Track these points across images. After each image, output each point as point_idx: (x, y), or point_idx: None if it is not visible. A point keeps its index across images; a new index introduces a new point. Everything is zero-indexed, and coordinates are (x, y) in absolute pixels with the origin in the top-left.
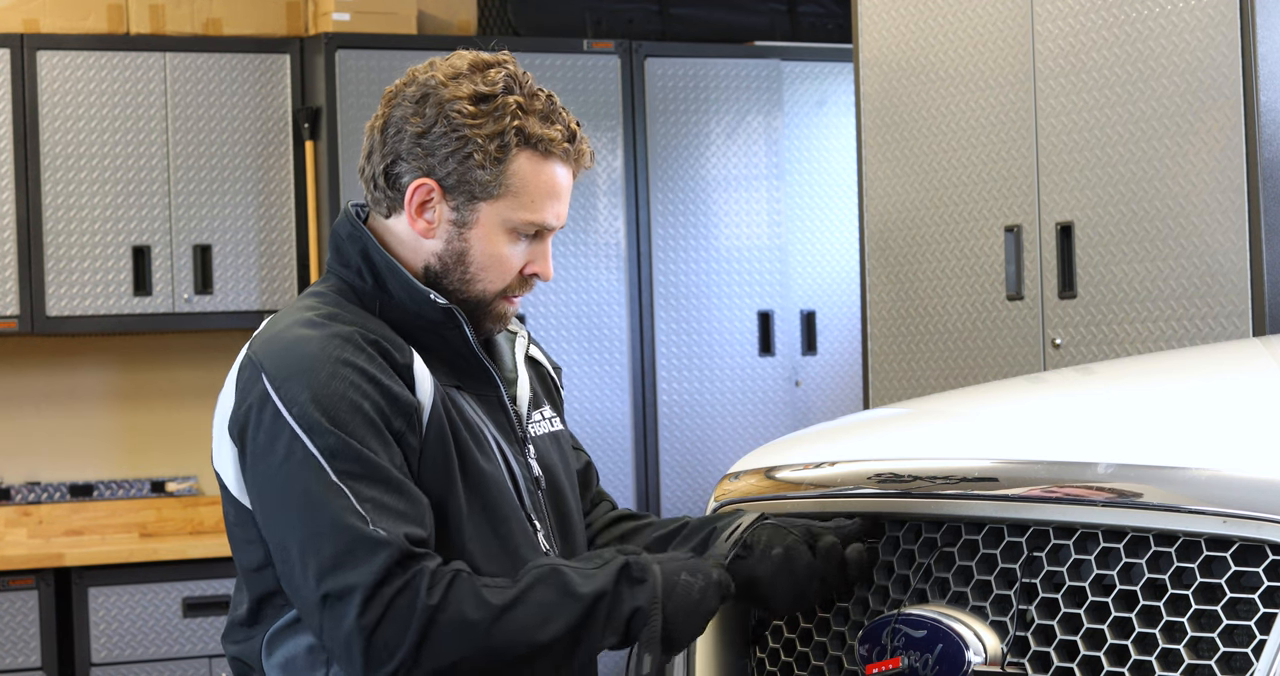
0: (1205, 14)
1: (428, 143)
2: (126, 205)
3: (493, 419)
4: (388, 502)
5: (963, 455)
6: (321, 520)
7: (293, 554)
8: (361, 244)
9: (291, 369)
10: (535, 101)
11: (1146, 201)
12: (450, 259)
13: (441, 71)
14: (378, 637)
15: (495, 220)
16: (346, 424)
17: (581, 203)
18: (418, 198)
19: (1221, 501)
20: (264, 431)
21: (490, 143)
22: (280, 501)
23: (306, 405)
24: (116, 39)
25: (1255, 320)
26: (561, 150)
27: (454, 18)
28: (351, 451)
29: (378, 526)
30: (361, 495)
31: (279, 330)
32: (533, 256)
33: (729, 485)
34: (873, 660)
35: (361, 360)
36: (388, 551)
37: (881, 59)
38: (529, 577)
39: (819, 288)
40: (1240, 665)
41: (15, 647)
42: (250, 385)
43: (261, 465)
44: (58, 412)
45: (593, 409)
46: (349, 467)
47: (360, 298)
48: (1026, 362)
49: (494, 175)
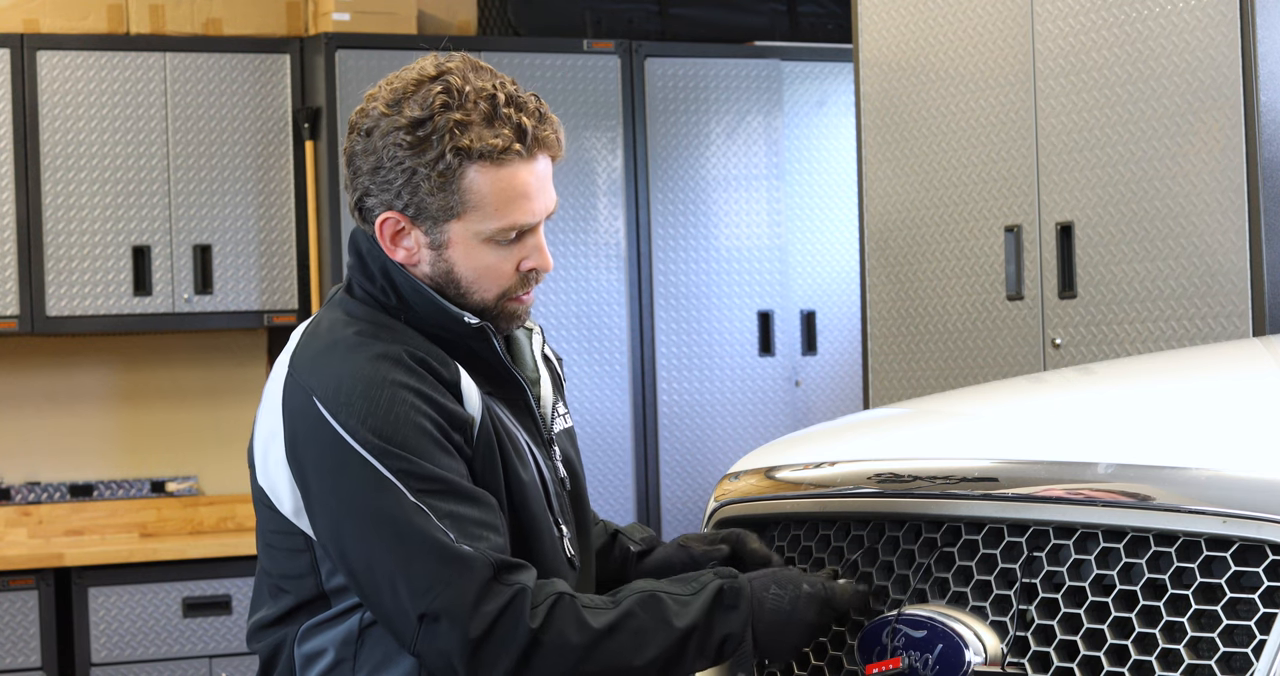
0: (1205, 14)
1: (381, 178)
2: (126, 205)
3: (522, 423)
4: (466, 514)
5: (963, 455)
6: (409, 541)
7: (379, 577)
8: (381, 262)
9: (348, 395)
10: (475, 110)
11: (1146, 201)
12: (440, 279)
13: (383, 99)
14: (481, 655)
15: (468, 236)
16: (413, 445)
17: (581, 203)
18: (388, 230)
19: (1221, 501)
20: (325, 457)
21: (434, 168)
22: (362, 528)
23: (370, 432)
24: (116, 39)
25: (1255, 320)
26: (515, 152)
27: (454, 18)
28: (423, 471)
29: (463, 542)
30: (440, 511)
31: (322, 350)
32: (525, 253)
33: (729, 485)
34: (873, 660)
35: (414, 380)
36: (480, 567)
37: (881, 59)
38: (628, 603)
39: (819, 288)
40: (1240, 665)
41: (15, 647)
42: (304, 411)
43: (334, 495)
44: (58, 412)
45: (593, 409)
46: (424, 486)
47: (386, 311)
48: (1026, 362)
49: (449, 196)
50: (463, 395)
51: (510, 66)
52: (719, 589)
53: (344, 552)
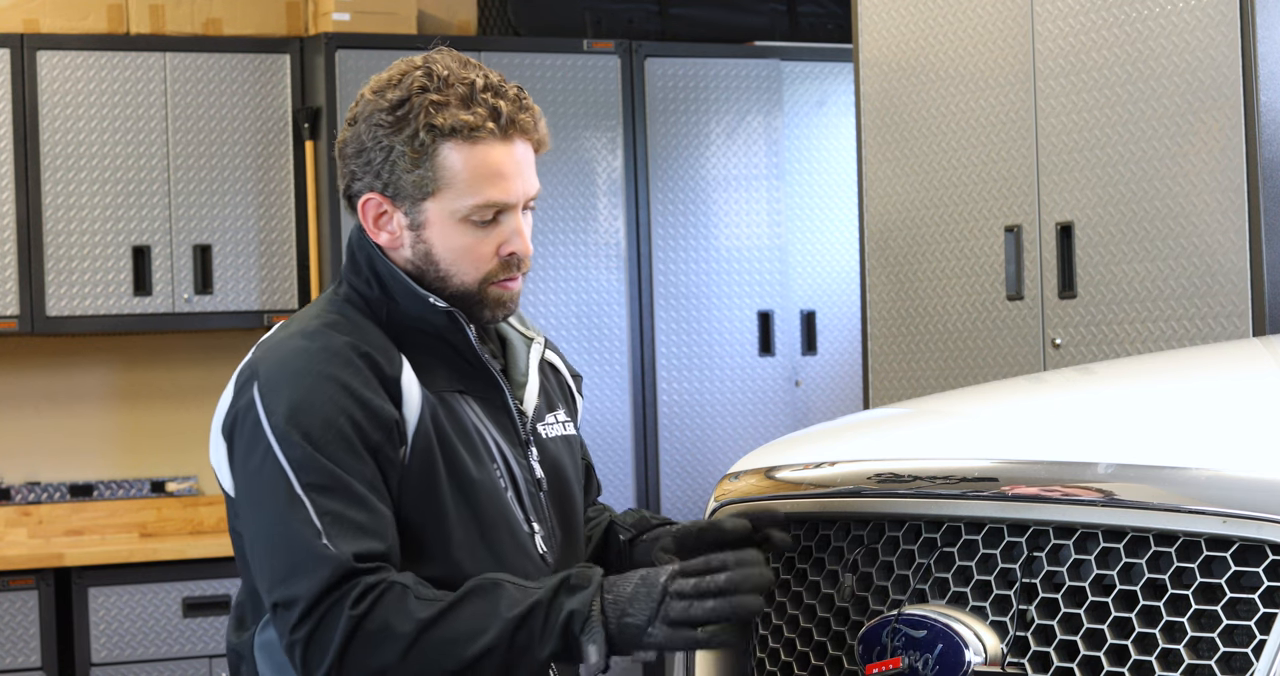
0: (1205, 14)
1: (364, 159)
2: (126, 205)
3: (496, 421)
4: (347, 516)
5: (963, 455)
6: (280, 530)
7: (258, 557)
8: (367, 252)
9: (279, 379)
10: (453, 92)
11: (1146, 201)
12: (420, 261)
13: (370, 87)
14: (311, 647)
15: (444, 214)
16: (318, 438)
17: (581, 203)
18: (370, 212)
19: (1221, 501)
20: (246, 437)
21: (409, 144)
22: (252, 507)
23: (284, 416)
24: (116, 39)
25: (1255, 320)
26: (488, 131)
27: (454, 18)
28: (317, 464)
29: (330, 541)
30: (321, 507)
31: (280, 338)
32: (504, 237)
33: (729, 485)
34: (873, 660)
35: (347, 374)
36: (331, 567)
37: (881, 59)
38: (465, 590)
39: (819, 288)
40: (1240, 665)
41: (15, 647)
42: (244, 390)
43: (241, 469)
44: (58, 412)
45: (593, 409)
46: (314, 479)
47: (369, 304)
48: (1026, 362)
49: (423, 173)
50: (402, 391)
51: (510, 66)
52: (566, 576)
53: (242, 527)
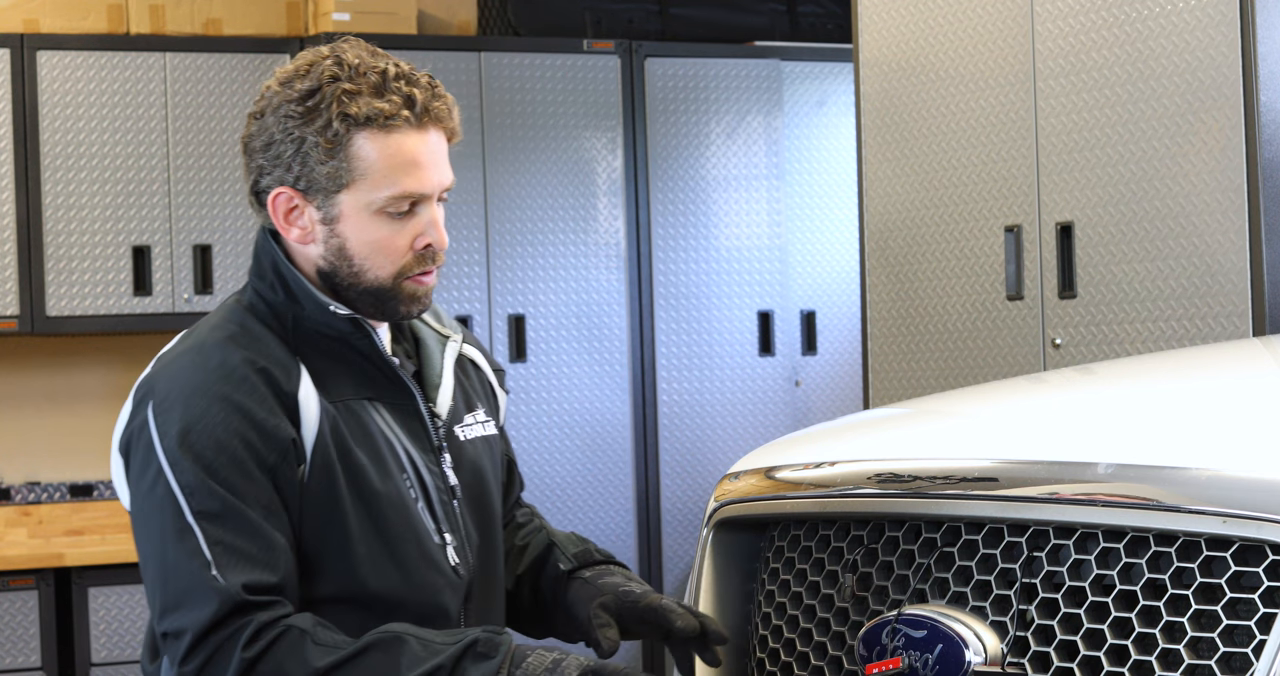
0: (1205, 14)
1: (273, 152)
2: (126, 205)
3: (407, 428)
4: (238, 545)
5: (963, 455)
6: (169, 558)
7: (148, 582)
8: (272, 257)
9: (172, 399)
10: (365, 80)
11: (1146, 201)
12: (333, 257)
13: (277, 78)
14: None
15: (359, 207)
16: (210, 462)
17: (581, 203)
18: (281, 207)
19: (1221, 501)
20: (140, 457)
21: (322, 135)
22: (143, 531)
23: (175, 439)
24: (116, 39)
25: (1255, 320)
26: (403, 119)
27: (454, 18)
28: (209, 490)
29: (220, 572)
30: (212, 537)
31: (178, 353)
32: (419, 229)
33: (729, 485)
34: (873, 660)
35: (241, 394)
36: (220, 599)
37: (881, 59)
38: (367, 641)
39: (819, 288)
40: (1240, 665)
41: (15, 647)
42: (139, 408)
43: (134, 490)
44: (58, 412)
45: (593, 409)
46: (205, 506)
47: (273, 310)
48: (1026, 362)
49: (338, 164)
50: (300, 406)
51: (510, 66)
52: (474, 639)
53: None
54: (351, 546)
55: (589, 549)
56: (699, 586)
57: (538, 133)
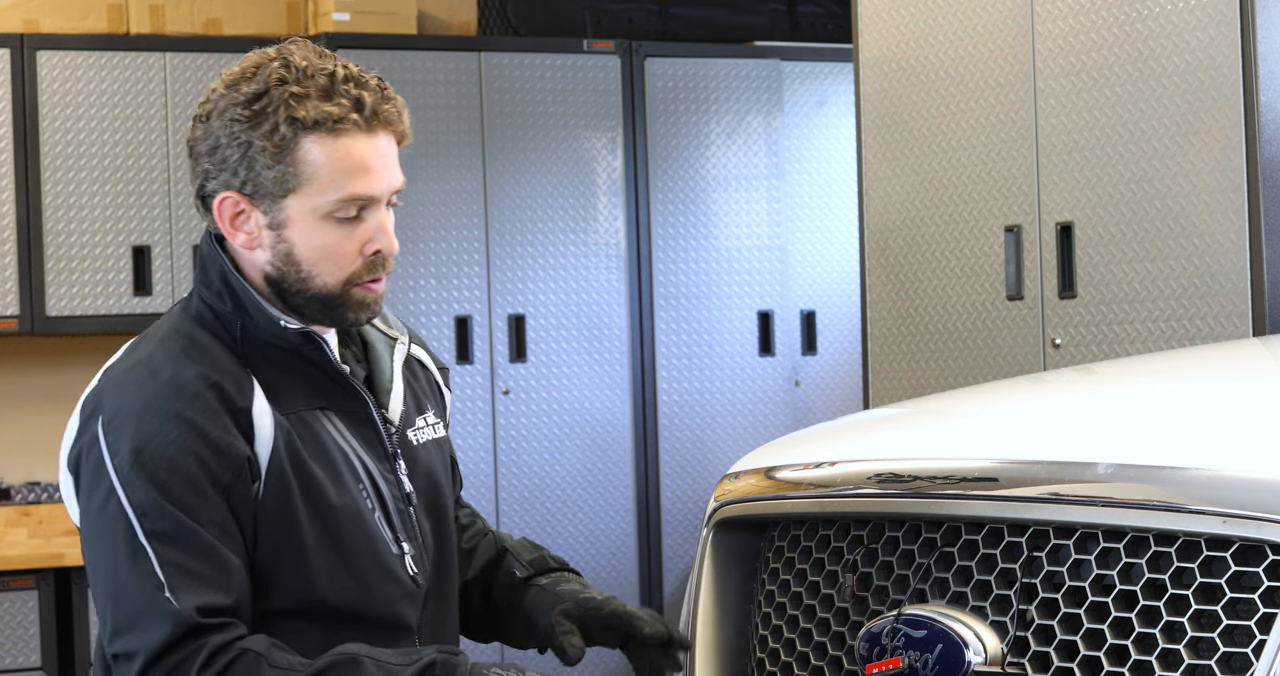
0: (1205, 14)
1: (219, 156)
2: (126, 205)
3: (360, 436)
4: (192, 567)
5: (963, 455)
6: (120, 579)
7: (99, 602)
8: (219, 265)
9: (123, 417)
10: (313, 83)
11: (1146, 201)
12: (280, 263)
13: (224, 81)
14: None
15: (306, 211)
16: (163, 482)
17: (581, 203)
18: (227, 212)
19: (1221, 501)
20: (90, 475)
21: (269, 139)
22: (94, 550)
23: (127, 458)
24: (116, 39)
25: (1255, 320)
26: (351, 122)
27: (454, 18)
28: (162, 510)
29: (174, 594)
30: (165, 558)
31: (126, 367)
32: (368, 234)
33: (729, 485)
34: (873, 660)
35: (193, 411)
36: (173, 622)
37: (881, 59)
38: (322, 663)
39: (819, 288)
40: (1240, 665)
41: (15, 647)
42: (88, 424)
43: (84, 510)
44: (58, 412)
45: (593, 409)
46: (158, 527)
47: (221, 320)
48: (1026, 362)
49: (284, 168)
50: (254, 421)
51: (510, 66)
52: (431, 661)
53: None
54: (308, 560)
55: (543, 555)
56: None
57: (538, 133)
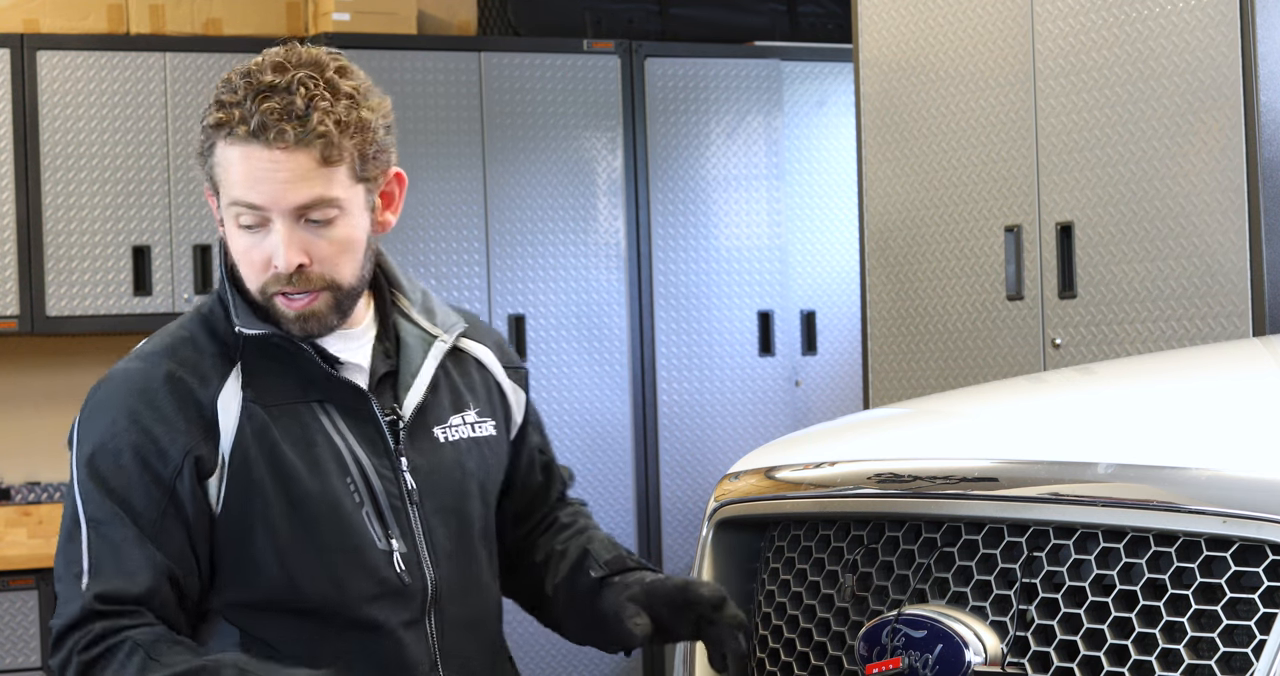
0: (1205, 14)
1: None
2: (126, 205)
3: (359, 431)
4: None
5: (963, 455)
6: (59, 558)
7: None
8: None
9: (91, 407)
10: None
11: (1146, 201)
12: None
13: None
14: None
15: (225, 214)
16: (104, 472)
17: (581, 203)
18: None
19: (1221, 501)
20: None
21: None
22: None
23: (87, 447)
24: (116, 39)
25: (1255, 320)
26: (245, 133)
27: (454, 18)
28: (98, 500)
29: (89, 578)
30: (92, 544)
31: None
32: (270, 248)
33: (729, 485)
34: (873, 660)
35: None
36: (80, 605)
37: (881, 59)
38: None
39: (819, 288)
40: (1240, 665)
41: (15, 647)
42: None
43: None
44: (58, 412)
45: (593, 409)
46: (94, 515)
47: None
48: (1026, 362)
49: (209, 168)
50: (218, 413)
51: (510, 66)
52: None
53: None
54: (280, 549)
55: (621, 554)
56: None
57: (538, 133)
